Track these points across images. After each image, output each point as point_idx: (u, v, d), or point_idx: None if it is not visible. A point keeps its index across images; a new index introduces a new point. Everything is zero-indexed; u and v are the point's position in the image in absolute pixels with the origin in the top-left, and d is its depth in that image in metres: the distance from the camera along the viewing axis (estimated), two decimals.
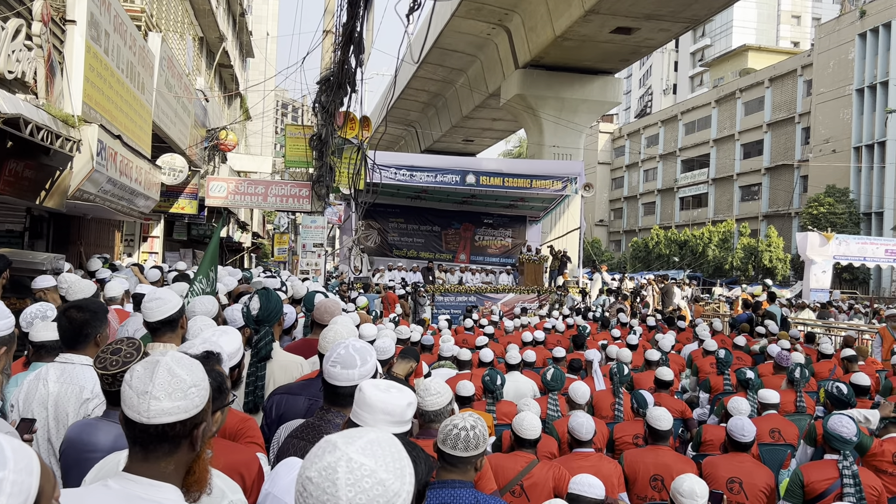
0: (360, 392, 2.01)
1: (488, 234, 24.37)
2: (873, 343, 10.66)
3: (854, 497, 4.07)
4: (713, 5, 25.16)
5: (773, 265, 42.22)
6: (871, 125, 41.19)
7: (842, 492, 4.10)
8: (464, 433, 2.78)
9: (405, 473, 1.20)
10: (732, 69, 60.52)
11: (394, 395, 1.99)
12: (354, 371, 2.43)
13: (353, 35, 9.70)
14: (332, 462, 1.15)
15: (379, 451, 1.18)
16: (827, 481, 4.17)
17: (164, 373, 1.55)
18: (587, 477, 3.48)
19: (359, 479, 1.14)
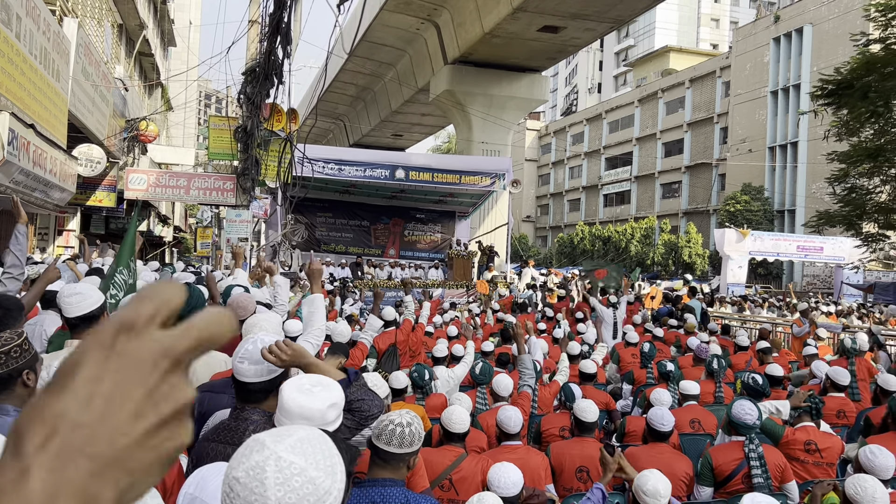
0: (281, 395, 1.95)
1: (418, 229, 24.34)
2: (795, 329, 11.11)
3: (762, 476, 4.32)
4: (637, 6, 25.76)
5: (693, 261, 43.59)
6: (784, 126, 42.95)
7: (749, 472, 4.34)
8: (399, 429, 2.76)
9: (336, 471, 1.18)
10: (655, 69, 62.15)
11: (315, 396, 1.93)
12: (263, 367, 2.33)
13: (280, 25, 9.53)
14: (261, 461, 1.12)
15: (309, 449, 1.16)
16: (734, 462, 4.41)
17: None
18: (499, 478, 3.35)
19: (288, 477, 1.11)
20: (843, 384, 6.17)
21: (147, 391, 0.44)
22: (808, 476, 4.67)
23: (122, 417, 0.42)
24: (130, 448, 0.43)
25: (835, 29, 38.29)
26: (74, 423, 0.42)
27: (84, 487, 0.41)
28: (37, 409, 0.42)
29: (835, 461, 4.83)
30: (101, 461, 0.42)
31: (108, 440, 0.42)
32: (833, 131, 21.21)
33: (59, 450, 0.41)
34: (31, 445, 0.42)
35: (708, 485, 4.46)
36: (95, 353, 0.43)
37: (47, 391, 0.43)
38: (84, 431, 0.42)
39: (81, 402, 0.42)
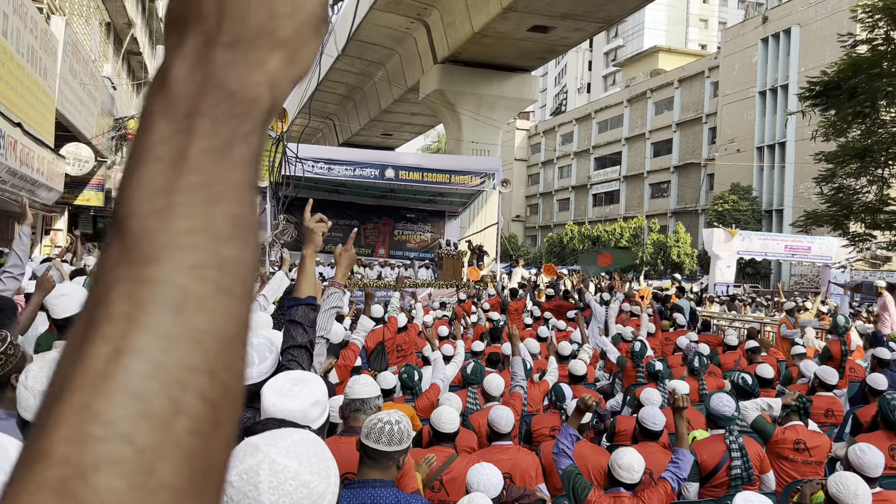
0: (262, 399, 1.94)
1: (407, 228, 24.33)
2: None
3: (741, 467, 4.43)
4: (626, 6, 25.83)
5: (681, 260, 43.77)
6: (772, 126, 43.19)
7: (731, 463, 4.43)
8: (388, 427, 2.76)
9: (330, 475, 1.17)
10: (644, 70, 62.34)
11: (295, 397, 1.92)
12: (252, 369, 2.33)
13: None
14: (254, 465, 1.11)
15: (303, 452, 1.15)
16: (718, 455, 4.49)
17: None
18: (479, 479, 3.32)
19: (282, 481, 1.10)
20: (831, 383, 6.21)
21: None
22: (797, 475, 4.70)
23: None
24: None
25: (822, 30, 38.52)
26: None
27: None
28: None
29: (823, 460, 4.86)
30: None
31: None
32: (820, 132, 21.34)
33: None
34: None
35: (694, 480, 4.51)
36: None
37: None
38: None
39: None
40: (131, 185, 0.38)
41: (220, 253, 0.37)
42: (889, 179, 20.64)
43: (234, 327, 0.37)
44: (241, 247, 0.38)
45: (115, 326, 0.35)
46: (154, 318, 0.35)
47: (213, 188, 0.37)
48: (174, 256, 0.36)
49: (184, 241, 0.36)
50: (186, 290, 0.36)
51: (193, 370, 0.35)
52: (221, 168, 0.38)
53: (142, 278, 0.36)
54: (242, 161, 0.39)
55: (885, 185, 20.68)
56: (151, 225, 0.36)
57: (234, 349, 0.37)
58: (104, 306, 0.36)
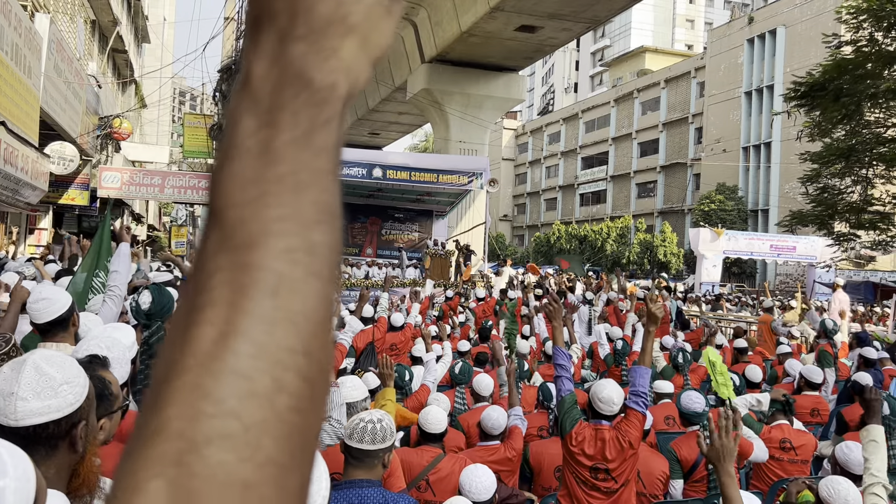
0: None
1: (395, 228, 24.31)
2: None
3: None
4: (613, 7, 25.91)
5: (668, 259, 43.96)
6: (758, 126, 43.46)
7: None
8: (370, 426, 2.75)
9: (321, 478, 1.17)
10: (630, 70, 62.57)
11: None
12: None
13: None
14: None
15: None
16: (695, 450, 4.54)
17: (30, 371, 1.46)
18: (472, 482, 3.27)
19: None
20: (816, 382, 6.25)
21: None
22: (783, 474, 4.73)
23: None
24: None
25: (807, 31, 38.79)
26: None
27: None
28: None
29: (809, 459, 4.89)
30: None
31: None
32: (806, 132, 21.49)
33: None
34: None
35: (678, 478, 4.56)
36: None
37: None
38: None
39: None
40: (224, 179, 0.40)
41: (309, 237, 0.39)
42: (873, 180, 20.82)
43: (325, 309, 0.39)
44: (328, 231, 0.40)
45: (218, 311, 0.37)
46: (255, 301, 0.37)
47: (299, 176, 0.39)
48: (269, 242, 0.38)
49: (276, 228, 0.38)
50: (282, 274, 0.37)
51: (292, 350, 0.37)
52: (305, 156, 0.40)
53: (241, 264, 0.38)
54: (325, 148, 0.41)
55: (870, 185, 20.86)
56: (246, 214, 0.38)
57: (325, 329, 0.39)
58: (207, 292, 0.38)
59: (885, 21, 18.52)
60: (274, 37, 0.40)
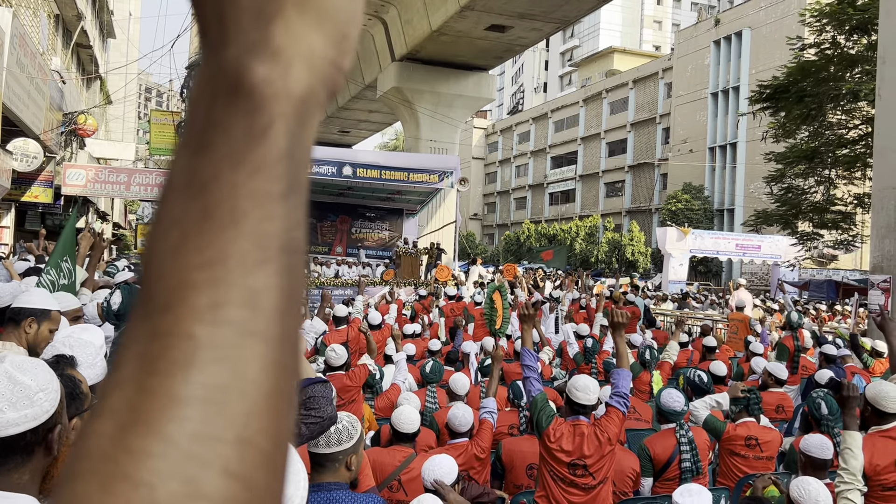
0: None
1: (365, 226, 24.22)
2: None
3: (690, 460, 4.58)
4: (582, 7, 26.10)
5: (636, 258, 44.37)
6: (724, 127, 44.05)
7: (681, 457, 4.58)
8: (330, 428, 2.74)
9: (300, 478, 1.16)
10: (599, 70, 63.02)
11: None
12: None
13: None
14: None
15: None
16: (669, 449, 4.63)
17: (3, 381, 1.43)
18: (432, 470, 3.32)
19: None
20: (781, 378, 6.36)
21: None
22: (749, 470, 4.80)
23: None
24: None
25: (772, 33, 39.40)
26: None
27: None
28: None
29: (774, 455, 4.97)
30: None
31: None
32: (770, 133, 21.86)
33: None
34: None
35: (649, 475, 4.62)
36: None
37: None
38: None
39: None
40: (151, 227, 0.33)
41: (246, 285, 0.31)
42: (835, 180, 21.24)
43: (272, 378, 0.31)
44: (276, 272, 0.32)
45: (122, 396, 0.30)
46: (162, 380, 0.29)
47: (230, 206, 0.32)
48: (188, 299, 0.31)
49: (198, 279, 0.31)
50: (198, 339, 0.30)
51: (216, 440, 0.29)
52: (238, 179, 0.32)
53: (153, 332, 0.31)
54: (264, 164, 0.32)
55: (832, 185, 21.28)
56: (165, 266, 0.32)
57: (273, 406, 0.31)
58: (115, 372, 0.31)
59: (846, 25, 18.90)
60: (210, 51, 0.33)
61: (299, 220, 0.34)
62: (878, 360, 8.44)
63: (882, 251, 10.90)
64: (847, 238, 22.13)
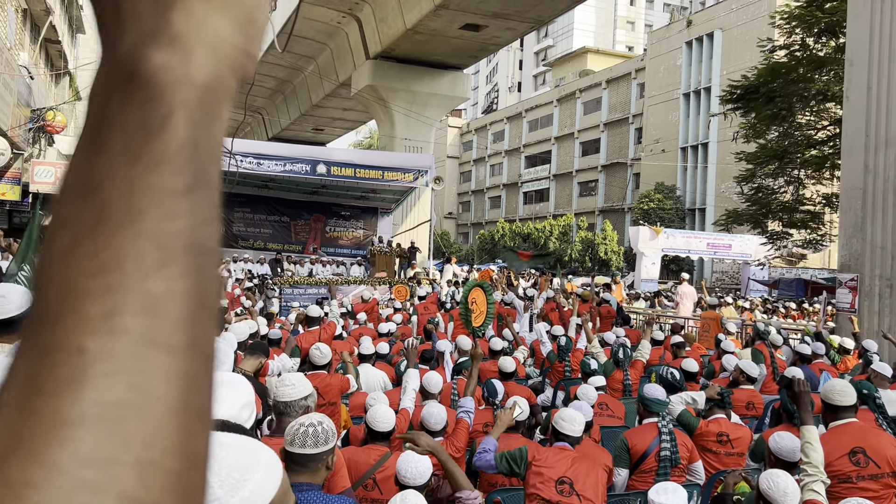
0: None
1: (339, 225, 24.12)
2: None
3: (669, 450, 4.59)
4: (556, 7, 26.21)
5: (609, 257, 44.67)
6: (696, 128, 44.49)
7: (660, 447, 4.58)
8: (311, 429, 2.73)
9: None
10: (573, 70, 63.34)
11: (221, 402, 1.84)
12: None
13: None
14: None
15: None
16: (649, 440, 4.65)
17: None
18: (406, 468, 3.29)
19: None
20: (753, 376, 6.45)
21: None
22: (720, 466, 4.86)
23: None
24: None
25: (743, 35, 39.87)
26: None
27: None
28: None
29: (745, 451, 5.04)
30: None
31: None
32: (741, 133, 22.12)
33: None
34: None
35: (624, 466, 4.65)
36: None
37: None
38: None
39: None
40: (47, 235, 0.30)
41: (144, 290, 0.28)
42: (805, 180, 21.56)
43: (178, 392, 0.28)
44: (179, 275, 0.29)
45: (2, 422, 0.27)
46: (49, 400, 0.26)
47: (126, 204, 0.29)
48: (77, 310, 0.27)
49: (89, 286, 0.28)
50: (90, 353, 0.27)
51: (110, 463, 0.26)
52: (134, 174, 0.29)
53: (40, 348, 0.27)
54: (164, 158, 0.30)
55: (801, 185, 21.60)
56: (55, 273, 0.28)
57: (182, 423, 0.28)
58: (2, 392, 0.28)
59: (815, 27, 19.18)
60: (107, 44, 0.31)
61: (208, 217, 0.31)
62: (844, 357, 8.61)
63: (849, 250, 11.10)
64: (815, 237, 22.48)
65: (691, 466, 4.77)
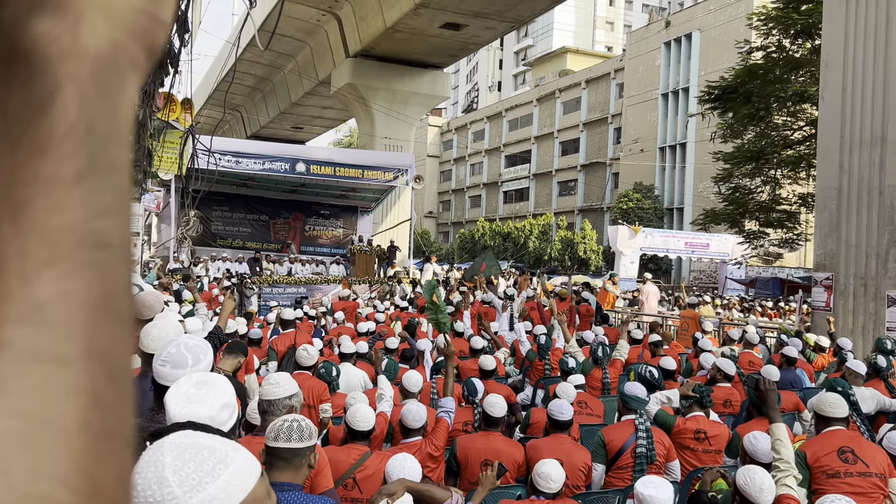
0: (166, 405, 1.84)
1: (319, 224, 24.02)
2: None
3: (645, 447, 4.65)
4: (536, 7, 26.27)
5: (588, 256, 44.89)
6: (674, 128, 44.82)
7: (636, 443, 4.64)
8: (295, 424, 2.72)
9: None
10: (553, 70, 63.54)
11: (201, 402, 1.84)
12: (185, 370, 2.27)
13: (176, 12, 9.13)
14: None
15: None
16: (625, 436, 4.72)
17: None
18: (399, 471, 3.32)
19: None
20: (730, 374, 6.51)
21: None
22: (698, 463, 4.91)
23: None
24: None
25: (721, 36, 40.21)
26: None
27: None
28: None
29: (723, 448, 5.09)
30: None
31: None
32: (719, 133, 22.30)
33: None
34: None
35: (601, 462, 4.68)
36: None
37: None
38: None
39: None
40: None
41: (25, 295, 0.24)
42: (781, 180, 21.78)
43: (75, 410, 0.24)
44: (71, 275, 0.25)
45: None
46: None
47: (5, 196, 0.25)
48: None
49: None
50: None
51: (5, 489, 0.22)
52: (15, 162, 0.25)
53: None
54: (49, 141, 0.25)
55: (778, 185, 21.83)
56: None
57: (79, 447, 0.24)
58: None
59: (791, 29, 19.37)
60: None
61: (111, 206, 0.27)
62: (820, 355, 8.72)
63: (825, 249, 11.23)
64: (792, 237, 22.73)
65: (668, 465, 4.81)
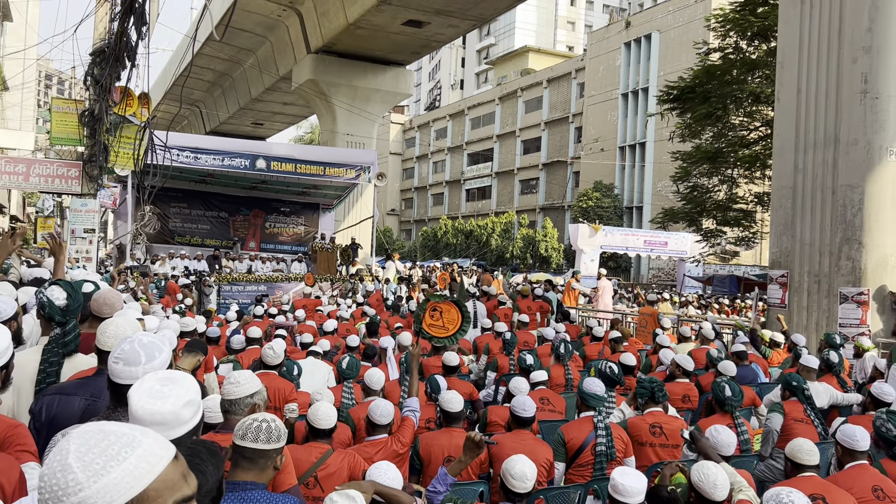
0: (129, 401, 1.82)
1: (280, 221, 23.78)
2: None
3: (605, 444, 4.72)
4: (498, 6, 26.36)
5: (549, 254, 45.23)
6: (633, 127, 45.39)
7: (596, 441, 4.70)
8: (265, 425, 2.69)
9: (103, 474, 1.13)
10: (514, 69, 63.85)
11: (166, 399, 1.80)
12: (139, 368, 2.21)
13: (134, 5, 8.98)
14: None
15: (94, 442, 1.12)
16: (585, 434, 4.76)
17: None
18: (380, 479, 3.28)
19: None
20: (689, 370, 6.61)
21: None
22: (655, 458, 4.97)
23: None
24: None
25: (680, 37, 40.82)
26: None
27: None
28: None
29: (680, 443, 5.16)
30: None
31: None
32: (677, 133, 22.65)
33: None
34: None
35: (561, 460, 4.72)
36: None
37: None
38: None
39: None
40: None
41: None
42: (737, 179, 22.21)
43: None
44: None
45: None
46: None
47: None
48: None
49: None
50: None
51: None
52: None
53: None
54: None
55: (734, 184, 22.25)
56: None
57: None
58: None
59: (748, 31, 19.76)
60: None
61: None
62: (775, 351, 8.90)
63: (780, 247, 11.48)
64: (748, 235, 23.19)
65: (627, 461, 4.87)
